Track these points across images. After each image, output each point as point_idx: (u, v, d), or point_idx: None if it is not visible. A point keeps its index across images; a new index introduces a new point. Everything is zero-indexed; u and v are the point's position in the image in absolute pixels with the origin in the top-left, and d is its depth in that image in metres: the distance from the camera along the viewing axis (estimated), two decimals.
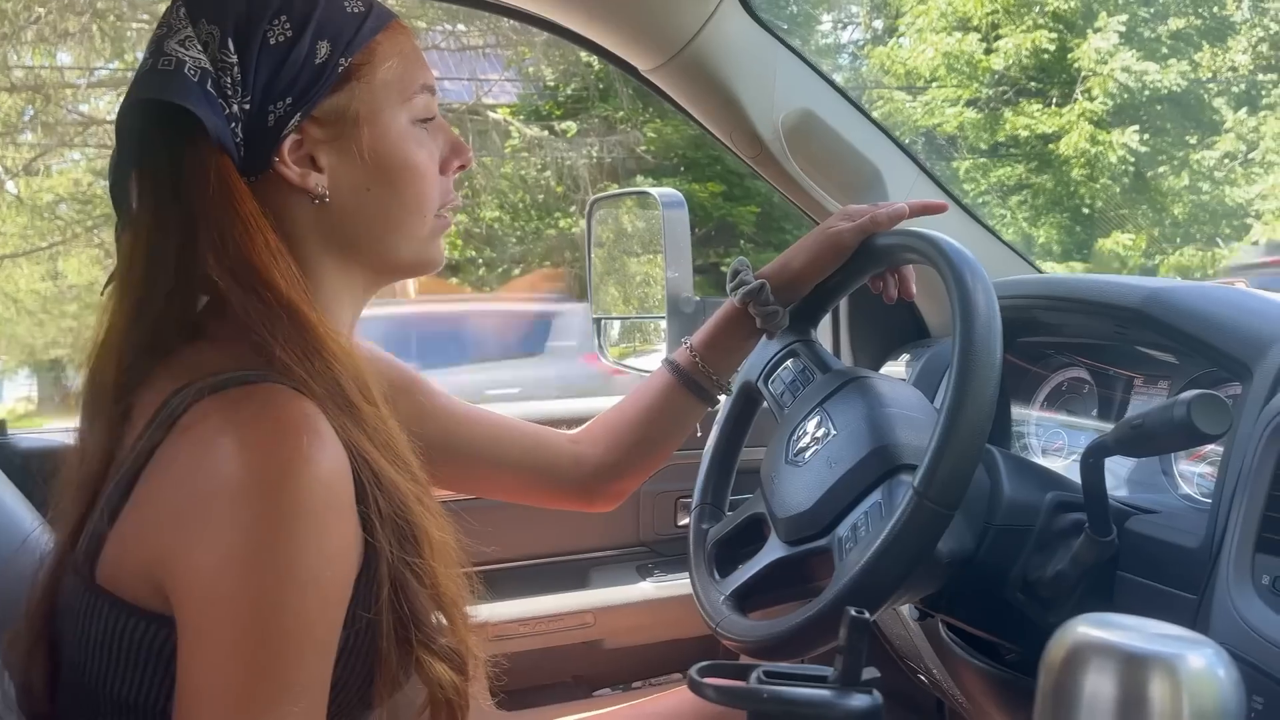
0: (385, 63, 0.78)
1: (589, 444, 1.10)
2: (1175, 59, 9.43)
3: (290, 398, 0.67)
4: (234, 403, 0.67)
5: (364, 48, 0.77)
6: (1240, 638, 0.78)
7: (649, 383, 1.10)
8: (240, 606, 0.63)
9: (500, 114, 9.28)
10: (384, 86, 0.78)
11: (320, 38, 0.74)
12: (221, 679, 0.62)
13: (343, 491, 0.67)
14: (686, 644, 1.60)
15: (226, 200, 0.71)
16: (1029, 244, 9.38)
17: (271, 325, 0.70)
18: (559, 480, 1.09)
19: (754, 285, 1.03)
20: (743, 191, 8.95)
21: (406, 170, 0.79)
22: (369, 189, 0.78)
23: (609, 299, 1.63)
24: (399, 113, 0.79)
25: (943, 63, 9.57)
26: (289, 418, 0.66)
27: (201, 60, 0.71)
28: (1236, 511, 0.84)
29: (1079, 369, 1.22)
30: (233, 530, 0.63)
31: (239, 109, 0.72)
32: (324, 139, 0.76)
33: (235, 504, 0.63)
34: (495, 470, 1.07)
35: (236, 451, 0.64)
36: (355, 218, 0.78)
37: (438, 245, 0.85)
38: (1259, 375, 0.90)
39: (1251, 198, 9.28)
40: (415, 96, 0.80)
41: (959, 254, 0.88)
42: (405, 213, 0.80)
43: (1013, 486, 0.94)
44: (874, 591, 0.80)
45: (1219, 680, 0.51)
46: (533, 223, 9.40)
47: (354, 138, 0.77)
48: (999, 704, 1.08)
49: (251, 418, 0.66)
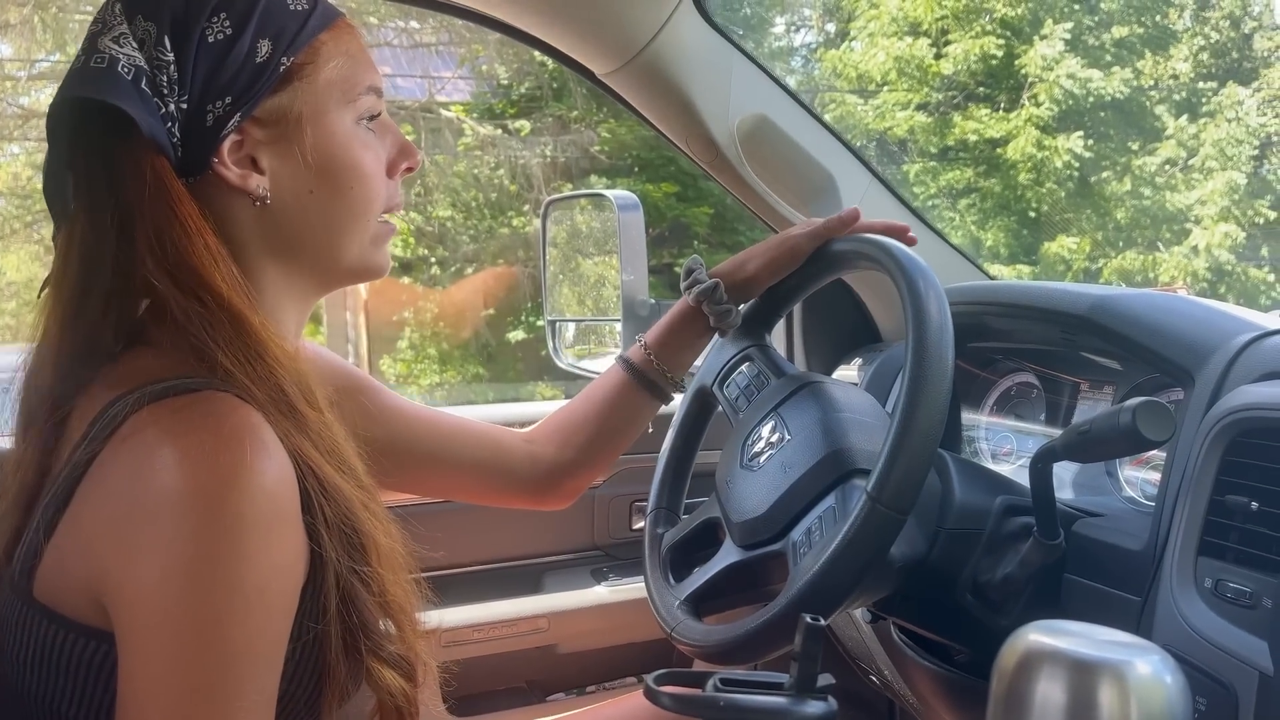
0: (330, 62, 0.76)
1: (543, 442, 1.10)
2: (1119, 66, 9.63)
3: (232, 405, 0.66)
4: (174, 412, 0.65)
5: (307, 46, 0.75)
6: (1183, 639, 0.80)
7: (602, 380, 1.10)
8: (182, 622, 0.61)
9: (453, 112, 9.21)
10: (328, 86, 0.76)
11: (261, 36, 0.72)
12: (164, 696, 0.61)
13: (288, 501, 0.65)
14: (641, 648, 1.60)
15: (163, 201, 0.69)
16: (977, 247, 9.52)
17: (212, 330, 0.68)
18: (514, 479, 1.08)
19: (708, 284, 1.04)
20: (697, 192, 8.97)
21: (351, 172, 0.77)
22: (312, 191, 0.76)
23: (563, 301, 1.62)
24: (344, 113, 0.77)
25: (894, 66, 9.67)
26: (231, 426, 0.64)
27: (136, 58, 0.69)
28: (1179, 515, 0.86)
29: (1027, 374, 1.24)
30: (174, 544, 0.62)
31: (175, 108, 0.71)
32: (265, 140, 0.74)
33: (176, 517, 0.62)
34: (450, 471, 1.06)
35: (177, 462, 0.63)
36: (298, 221, 0.76)
37: (384, 251, 0.83)
38: (1200, 382, 0.92)
39: (1191, 203, 9.50)
40: (361, 97, 0.78)
41: (911, 260, 0.89)
42: (349, 216, 0.78)
43: (963, 491, 0.95)
44: (828, 595, 0.81)
45: (1166, 686, 0.53)
46: (486, 221, 9.33)
47: (296, 139, 0.75)
48: (949, 704, 1.09)
49: (192, 427, 0.64)
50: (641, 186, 8.56)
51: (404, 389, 9.33)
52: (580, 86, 8.61)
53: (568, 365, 1.55)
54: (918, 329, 0.84)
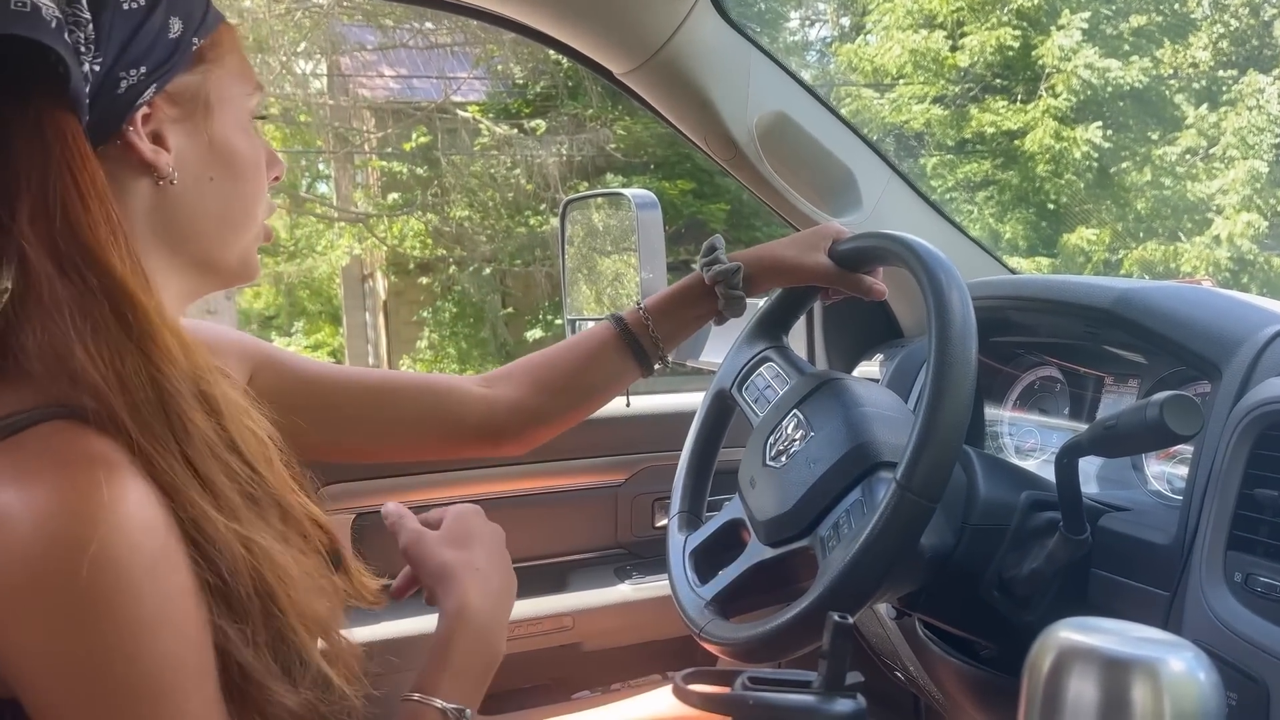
0: (230, 54, 0.75)
1: (505, 385, 1.05)
2: (1137, 56, 9.55)
3: (74, 437, 0.59)
4: (5, 455, 0.59)
5: (214, 32, 0.74)
6: (1213, 634, 0.79)
7: (589, 333, 1.07)
8: (95, 682, 0.57)
9: (469, 112, 9.24)
10: (231, 76, 0.75)
11: (173, 13, 0.70)
12: None
13: (160, 524, 0.60)
14: (665, 645, 1.60)
15: (67, 163, 0.63)
16: (995, 240, 9.47)
17: (85, 315, 0.61)
18: (464, 426, 1.03)
19: (729, 266, 1.02)
20: (713, 189, 8.98)
21: (248, 165, 0.76)
22: (211, 178, 0.73)
23: (582, 299, 1.63)
24: (243, 106, 0.76)
25: (909, 60, 9.64)
26: (76, 462, 0.58)
27: (55, 10, 0.63)
28: (1208, 509, 0.85)
29: (1050, 368, 1.24)
30: (52, 609, 0.57)
31: (89, 69, 0.65)
32: (175, 118, 0.71)
33: (42, 580, 0.56)
34: (387, 427, 1.01)
35: (20, 517, 0.56)
36: (194, 207, 0.73)
37: (256, 256, 0.80)
38: (1228, 374, 0.91)
39: (1213, 192, 9.42)
40: (254, 93, 0.77)
41: (931, 254, 0.89)
42: (242, 210, 0.76)
43: (988, 486, 0.95)
44: (858, 588, 0.81)
45: (1199, 683, 0.52)
46: (503, 221, 9.36)
47: (204, 121, 0.73)
48: (975, 701, 1.09)
49: (29, 471, 0.58)
50: (658, 184, 8.56)
51: None
52: (595, 85, 8.62)
53: None
54: (940, 321, 0.84)
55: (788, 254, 1.04)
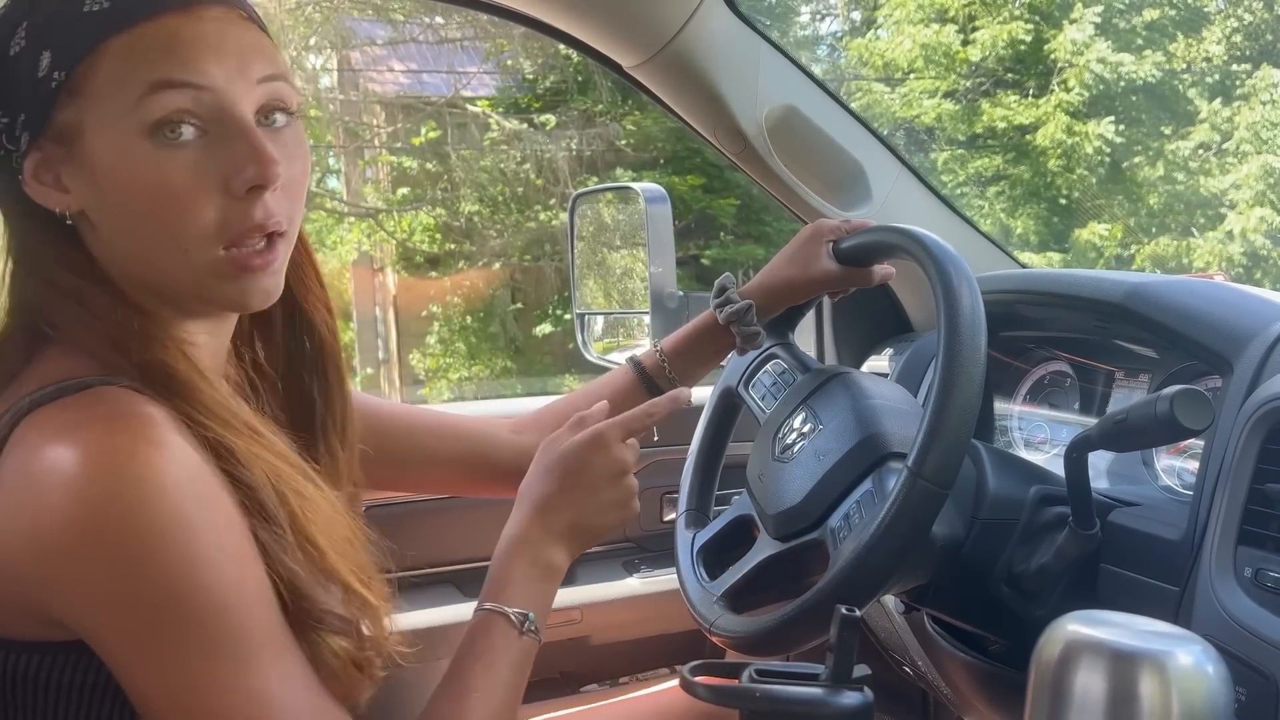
0: (112, 65, 0.66)
1: (533, 432, 1.08)
2: (1150, 50, 9.49)
3: (121, 397, 0.65)
4: (59, 411, 0.64)
5: (89, 53, 0.66)
6: (1223, 629, 0.79)
7: (609, 378, 1.10)
8: (159, 611, 0.61)
9: (479, 107, 9.23)
10: (102, 97, 0.66)
11: (43, 48, 0.66)
12: (183, 679, 0.61)
13: (201, 464, 0.64)
14: (673, 639, 1.60)
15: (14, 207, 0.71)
16: (1007, 235, 9.43)
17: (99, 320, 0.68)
18: (498, 470, 1.07)
19: (741, 305, 1.03)
20: (722, 184, 8.95)
21: (140, 195, 0.67)
22: (113, 216, 0.69)
23: (591, 294, 1.63)
24: (125, 126, 0.66)
25: (920, 54, 9.59)
26: (122, 412, 0.63)
27: None
28: (1218, 504, 0.85)
29: (1060, 363, 1.23)
30: (112, 546, 0.60)
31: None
32: (61, 159, 0.68)
33: (98, 517, 0.60)
34: (429, 467, 1.06)
35: (75, 462, 0.60)
36: (114, 246, 0.70)
37: (239, 285, 0.70)
38: (1239, 369, 0.91)
39: (1226, 187, 9.35)
40: (145, 101, 0.66)
41: (941, 247, 0.89)
42: (159, 245, 0.68)
43: (997, 480, 0.95)
44: (870, 577, 0.81)
45: (1207, 676, 0.52)
46: (512, 216, 9.36)
47: (85, 157, 0.67)
48: (983, 696, 1.09)
49: (79, 422, 0.63)
50: (667, 179, 8.54)
51: (433, 383, 9.39)
52: (605, 79, 8.61)
53: (596, 358, 1.55)
54: (950, 314, 0.84)
55: (791, 273, 1.04)
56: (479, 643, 0.78)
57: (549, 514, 0.83)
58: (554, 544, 0.83)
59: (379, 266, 10.35)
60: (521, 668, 0.79)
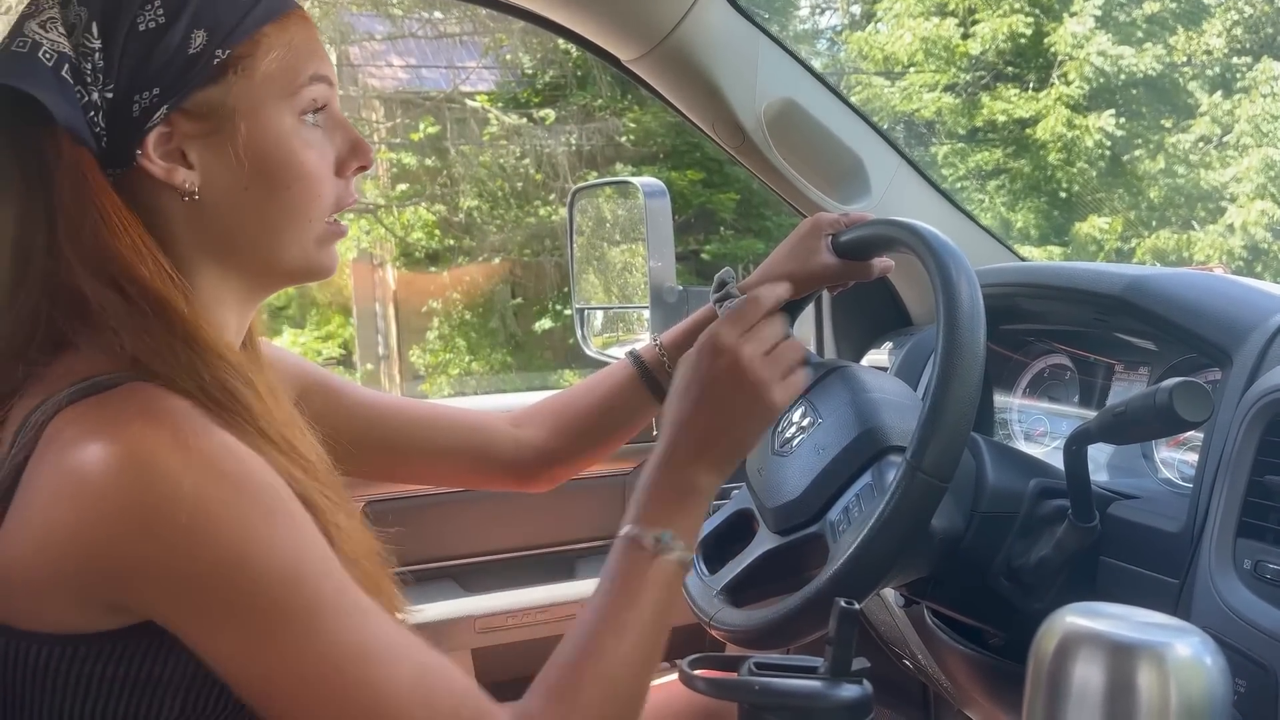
0: (270, 54, 0.73)
1: (532, 425, 1.09)
2: (1151, 43, 9.47)
3: (156, 393, 0.65)
4: (95, 408, 0.64)
5: (248, 39, 0.72)
6: (1222, 621, 0.79)
7: (608, 373, 1.09)
8: (235, 581, 0.62)
9: (478, 102, 9.22)
10: (266, 80, 0.73)
11: (197, 26, 0.70)
12: (277, 652, 0.62)
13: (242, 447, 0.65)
14: (673, 633, 1.60)
15: (81, 192, 0.68)
16: (1007, 229, 9.42)
17: (132, 321, 0.67)
18: (496, 463, 1.07)
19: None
20: (722, 178, 8.94)
21: (288, 171, 0.74)
22: (246, 189, 0.73)
23: (590, 289, 1.62)
24: (282, 108, 0.74)
25: (920, 48, 9.57)
26: (158, 409, 0.64)
27: (61, 44, 0.67)
28: (1218, 497, 0.85)
29: (1060, 356, 1.23)
30: (173, 535, 0.61)
31: (99, 97, 0.68)
32: (195, 133, 0.71)
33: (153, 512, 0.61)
34: (427, 458, 1.06)
35: (110, 452, 0.61)
36: (230, 219, 0.74)
37: (330, 252, 0.79)
38: (1239, 361, 0.90)
39: (1226, 181, 9.34)
40: (304, 89, 0.74)
41: (939, 240, 0.89)
42: (287, 216, 0.75)
43: (997, 473, 0.95)
44: (870, 570, 0.81)
45: (1206, 668, 0.52)
46: (512, 211, 9.35)
47: (229, 134, 0.72)
48: (983, 688, 1.09)
49: (116, 416, 0.63)
50: (667, 174, 8.54)
51: (433, 379, 9.39)
52: (605, 74, 8.60)
53: (596, 353, 1.55)
54: (949, 308, 0.84)
55: (791, 266, 1.03)
56: (614, 567, 0.76)
57: (683, 431, 0.80)
58: (693, 462, 0.79)
59: (379, 262, 10.34)
60: (661, 588, 0.75)
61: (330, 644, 0.63)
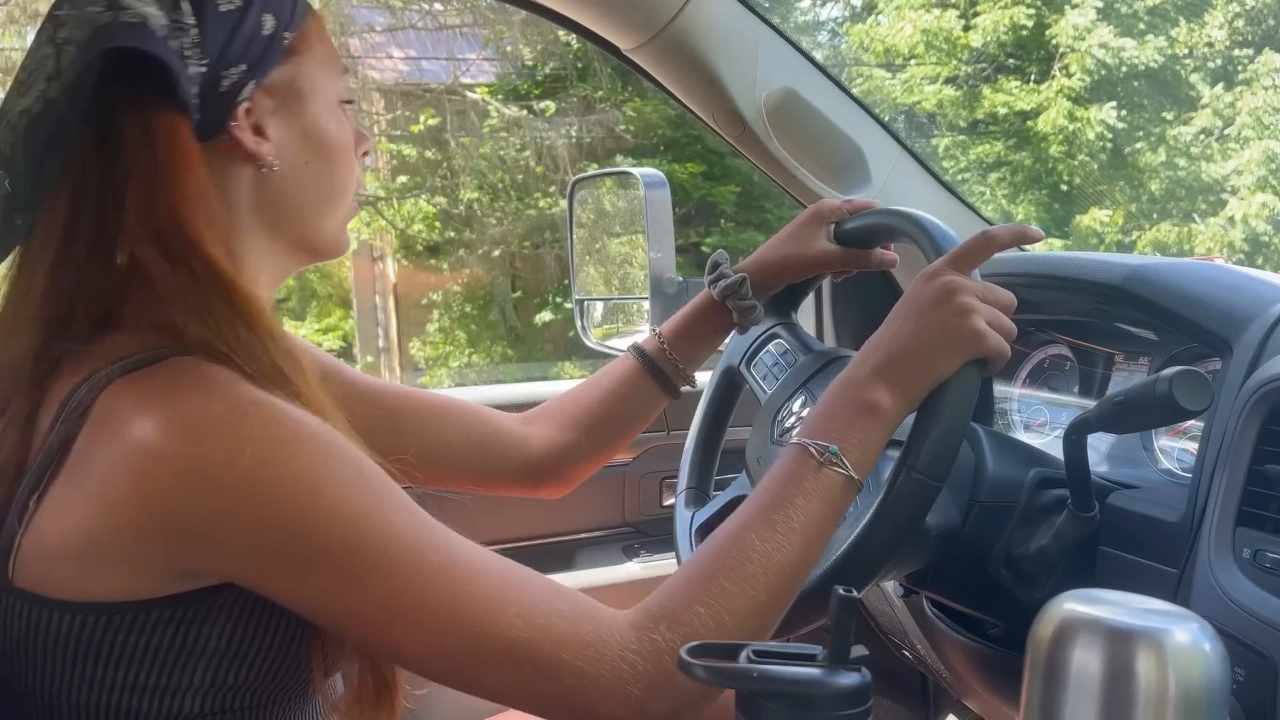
0: (318, 43, 0.80)
1: (541, 424, 1.08)
2: (1152, 35, 9.46)
3: (203, 364, 0.66)
4: (147, 378, 0.66)
5: (303, 23, 0.79)
6: (1222, 610, 0.79)
7: (612, 368, 1.09)
8: (310, 525, 0.63)
9: (478, 94, 9.21)
10: (319, 64, 0.80)
11: (266, 11, 0.75)
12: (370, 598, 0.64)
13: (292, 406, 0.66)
14: None
15: (174, 163, 0.69)
16: (1008, 221, 9.40)
17: (198, 300, 0.68)
18: (506, 461, 1.06)
19: (734, 279, 1.02)
20: (723, 171, 8.93)
21: (338, 148, 0.81)
22: (308, 163, 0.79)
23: (590, 280, 1.62)
24: (331, 91, 0.81)
25: (921, 40, 9.56)
26: (212, 378, 0.65)
27: (161, 18, 0.69)
28: (1217, 486, 0.85)
29: (1060, 346, 1.23)
30: (241, 494, 0.62)
31: (195, 71, 0.71)
32: (272, 110, 0.77)
33: (219, 472, 0.62)
34: (438, 448, 1.04)
35: (159, 419, 0.63)
36: (293, 191, 0.78)
37: (346, 231, 0.86)
38: (1238, 351, 0.90)
39: (1227, 173, 9.34)
40: (340, 78, 0.82)
41: (939, 229, 0.89)
42: (336, 191, 0.82)
43: (996, 463, 0.95)
44: (863, 566, 0.81)
45: (1204, 654, 0.52)
46: (512, 203, 9.35)
47: (298, 111, 0.78)
48: (983, 678, 1.09)
49: (170, 385, 0.65)
50: (668, 166, 8.53)
51: (433, 371, 9.39)
52: (605, 66, 8.59)
53: (596, 344, 1.55)
54: None
55: (789, 250, 1.03)
56: (774, 471, 0.76)
57: (875, 350, 0.79)
58: (877, 381, 0.77)
59: (379, 255, 10.34)
60: (817, 500, 0.73)
61: (416, 570, 0.65)
